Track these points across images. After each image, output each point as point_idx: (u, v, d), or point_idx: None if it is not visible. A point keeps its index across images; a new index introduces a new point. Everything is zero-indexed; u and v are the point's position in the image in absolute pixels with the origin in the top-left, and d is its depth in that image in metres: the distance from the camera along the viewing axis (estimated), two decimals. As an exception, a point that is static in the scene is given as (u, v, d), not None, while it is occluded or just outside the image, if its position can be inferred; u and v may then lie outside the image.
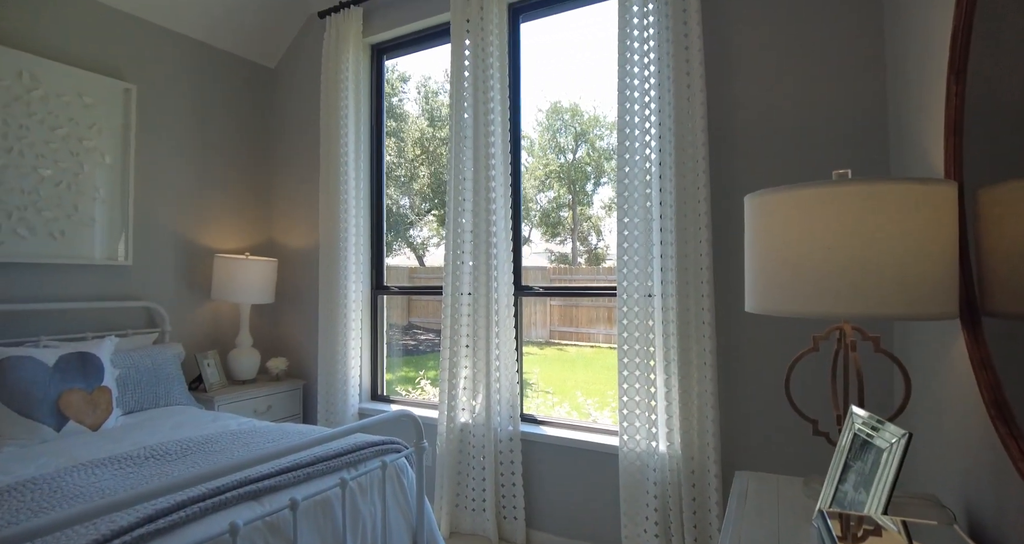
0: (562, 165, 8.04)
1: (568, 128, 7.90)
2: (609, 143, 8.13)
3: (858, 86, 2.01)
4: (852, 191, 1.08)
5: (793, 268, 1.15)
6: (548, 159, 7.69)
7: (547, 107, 7.42)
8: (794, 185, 1.15)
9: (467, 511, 2.68)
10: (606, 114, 7.60)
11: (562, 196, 8.19)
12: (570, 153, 8.12)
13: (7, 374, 1.99)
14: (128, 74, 2.89)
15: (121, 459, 1.71)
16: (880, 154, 1.96)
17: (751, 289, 1.28)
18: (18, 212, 2.45)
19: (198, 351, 3.09)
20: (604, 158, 7.91)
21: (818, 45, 2.08)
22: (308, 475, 1.62)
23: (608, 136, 8.05)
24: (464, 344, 2.71)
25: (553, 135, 7.89)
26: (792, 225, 1.15)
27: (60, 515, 1.02)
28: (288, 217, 3.51)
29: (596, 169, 8.00)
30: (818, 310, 1.12)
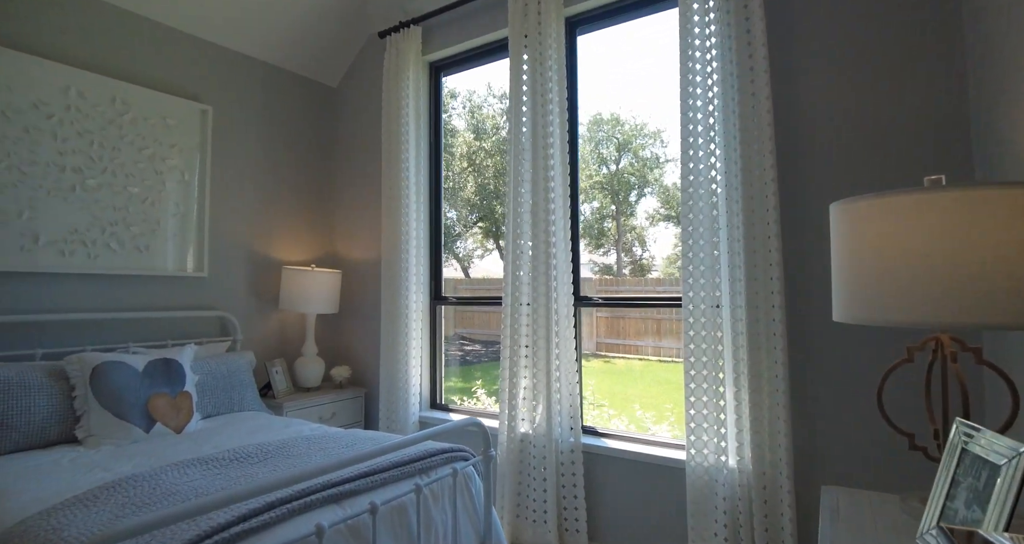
0: (605, 176, 8.02)
1: (610, 139, 7.89)
2: (652, 152, 8.06)
3: (935, 87, 1.93)
4: (953, 197, 1.05)
5: (886, 276, 1.11)
6: (591, 170, 7.69)
7: (588, 118, 7.44)
8: (886, 192, 1.12)
9: (528, 522, 2.67)
10: (647, 123, 7.54)
11: (605, 207, 8.16)
12: (613, 163, 8.10)
13: (104, 378, 2.12)
14: (204, 96, 3.06)
15: (207, 460, 1.79)
16: (962, 157, 1.88)
17: (839, 298, 1.24)
18: (110, 227, 2.63)
19: (267, 359, 3.22)
20: (648, 167, 7.84)
21: (890, 46, 2.02)
22: (384, 480, 1.66)
23: (652, 145, 7.99)
24: (523, 354, 2.72)
25: (595, 146, 7.89)
26: (885, 232, 1.12)
27: (171, 511, 1.08)
28: (350, 230, 3.62)
29: (640, 179, 7.94)
30: (915, 319, 1.08)
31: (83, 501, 1.49)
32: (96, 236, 2.58)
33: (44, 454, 1.95)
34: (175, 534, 1.26)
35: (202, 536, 1.25)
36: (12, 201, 2.34)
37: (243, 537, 1.31)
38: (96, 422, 2.07)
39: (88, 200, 2.56)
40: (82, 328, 2.53)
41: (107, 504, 1.47)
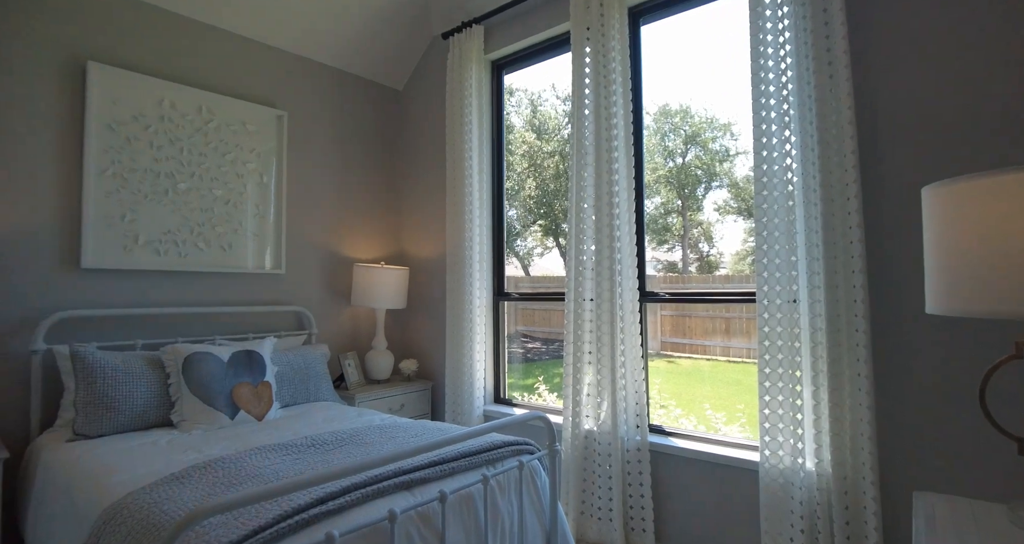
0: (670, 169, 7.80)
1: (677, 131, 7.67)
2: (722, 145, 7.76)
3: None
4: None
5: (991, 263, 1.02)
6: (655, 163, 7.51)
7: (655, 110, 7.25)
8: (992, 171, 1.03)
9: (592, 519, 2.65)
10: (717, 116, 7.26)
11: (670, 201, 7.93)
12: (679, 156, 7.86)
13: (195, 368, 2.29)
14: (280, 102, 3.23)
15: (287, 446, 1.89)
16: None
17: (934, 288, 1.15)
18: (198, 228, 2.82)
19: (340, 352, 3.36)
20: (717, 160, 7.56)
21: (979, 29, 1.85)
22: (453, 470, 1.69)
23: (721, 137, 7.69)
24: (587, 351, 2.69)
25: (661, 138, 7.69)
26: (991, 215, 1.02)
27: (258, 490, 1.14)
28: (416, 228, 3.72)
29: (708, 172, 7.67)
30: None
31: (179, 479, 1.61)
32: (186, 236, 2.78)
33: (144, 435, 2.13)
34: (259, 513, 1.34)
35: (284, 516, 1.32)
36: (116, 205, 2.56)
37: (321, 519, 1.38)
38: (188, 408, 2.23)
39: (179, 203, 2.76)
40: (174, 321, 2.74)
41: (199, 482, 1.58)
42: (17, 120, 2.34)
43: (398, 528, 1.43)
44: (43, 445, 2.10)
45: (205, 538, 1.24)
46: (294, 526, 1.31)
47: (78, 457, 1.91)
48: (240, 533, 1.25)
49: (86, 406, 2.12)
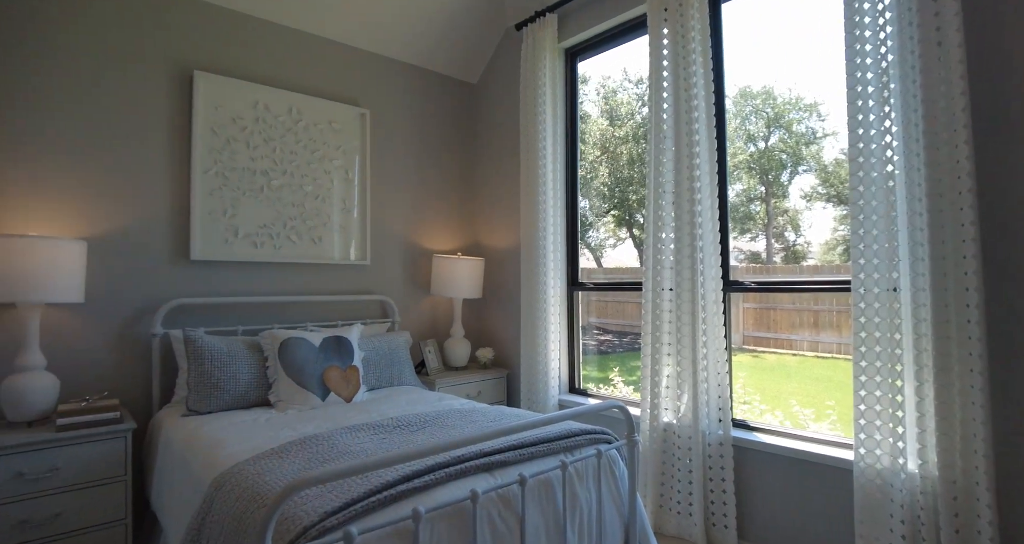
0: (752, 154, 7.40)
1: (759, 113, 7.26)
2: (808, 127, 7.27)
3: None
4: None
5: None
6: (735, 148, 7.15)
7: (734, 92, 6.91)
8: None
9: (672, 513, 2.60)
10: (802, 95, 6.80)
11: (753, 188, 7.53)
12: (761, 141, 7.44)
13: (290, 352, 2.45)
14: (363, 100, 3.37)
15: (374, 426, 1.99)
16: None
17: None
18: (290, 222, 3.01)
19: (421, 339, 3.50)
20: (803, 143, 7.10)
21: None
22: (532, 454, 1.71)
23: (808, 118, 7.20)
24: (666, 342, 2.64)
25: (742, 122, 7.31)
26: None
27: (352, 464, 1.22)
28: (491, 219, 3.77)
29: (793, 156, 7.22)
30: None
31: (278, 453, 1.74)
32: (279, 230, 2.97)
33: (246, 413, 2.31)
34: (350, 487, 1.42)
35: (373, 491, 1.40)
36: (219, 201, 2.78)
37: (408, 495, 1.44)
38: (284, 389, 2.40)
39: (273, 198, 2.96)
40: (271, 309, 2.94)
41: (296, 457, 1.70)
42: (136, 125, 2.59)
43: (480, 509, 1.47)
44: (163, 419, 2.34)
45: (303, 508, 1.33)
46: (383, 501, 1.38)
47: (191, 431, 2.11)
48: (334, 505, 1.33)
49: (197, 385, 2.33)
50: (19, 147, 2.32)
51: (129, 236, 2.56)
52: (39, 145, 2.36)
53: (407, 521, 1.34)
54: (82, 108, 2.46)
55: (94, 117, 2.48)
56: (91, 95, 2.48)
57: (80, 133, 2.45)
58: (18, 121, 2.32)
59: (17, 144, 2.31)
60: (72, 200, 2.43)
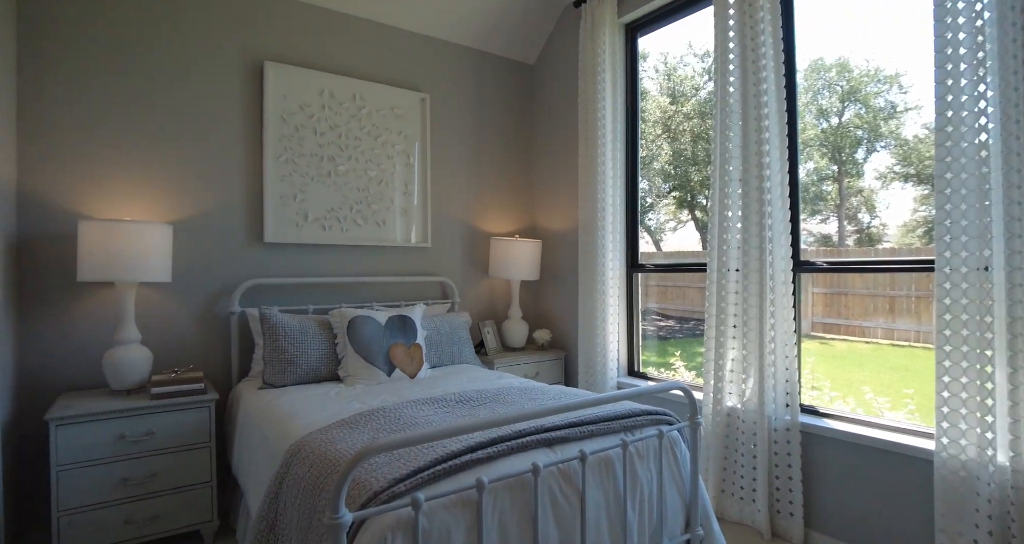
0: (824, 131, 6.98)
1: (832, 87, 6.83)
2: (887, 100, 6.77)
3: None
4: None
5: None
6: (804, 124, 6.75)
7: (805, 66, 6.51)
8: None
9: (734, 499, 2.55)
10: (882, 67, 6.34)
11: (823, 167, 7.11)
12: (834, 116, 7.00)
13: (358, 330, 2.56)
14: (423, 85, 3.42)
15: (438, 400, 2.05)
16: None
17: None
18: (356, 206, 3.12)
19: (479, 320, 3.55)
20: (881, 118, 6.63)
21: None
22: (592, 432, 1.72)
23: (887, 91, 6.71)
24: (731, 324, 2.57)
25: (813, 96, 6.90)
26: None
27: (424, 431, 1.26)
28: (549, 201, 3.76)
29: (870, 131, 6.75)
30: None
31: (348, 423, 1.83)
32: (346, 213, 3.08)
33: (317, 387, 2.43)
34: (416, 456, 1.48)
35: (439, 460, 1.45)
36: (289, 187, 2.91)
37: (471, 465, 1.48)
38: (352, 364, 2.51)
39: (339, 183, 3.06)
40: (338, 289, 3.07)
41: (365, 427, 1.78)
42: (214, 116, 2.74)
43: (541, 481, 1.50)
44: (241, 391, 2.50)
45: (373, 474, 1.40)
46: (448, 470, 1.43)
47: (267, 402, 2.25)
48: (402, 472, 1.39)
49: (272, 360, 2.47)
50: (116, 141, 2.51)
51: (209, 220, 2.73)
52: (132, 139, 2.54)
53: (471, 490, 1.39)
54: (169, 102, 2.62)
55: (179, 110, 2.65)
56: (175, 90, 2.64)
57: (166, 126, 2.62)
58: (115, 117, 2.50)
59: (114, 139, 2.50)
60: (159, 187, 2.61)
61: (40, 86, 2.36)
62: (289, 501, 1.59)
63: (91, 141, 2.46)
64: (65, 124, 2.41)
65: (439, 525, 1.33)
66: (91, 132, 2.46)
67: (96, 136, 2.47)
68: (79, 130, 2.44)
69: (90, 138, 2.46)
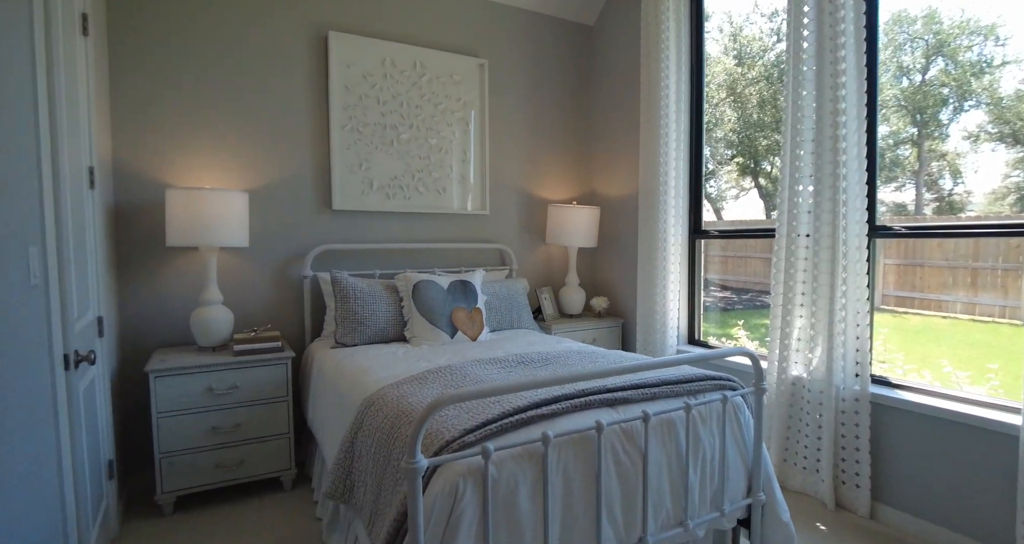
0: (904, 90, 6.45)
1: (916, 41, 6.28)
2: (980, 54, 6.17)
3: None
4: None
5: None
6: (881, 83, 6.25)
7: (887, 18, 6.00)
8: None
9: (797, 468, 2.52)
10: (977, 16, 5.76)
11: (901, 129, 6.60)
12: (917, 73, 6.45)
13: (422, 293, 2.65)
14: (481, 51, 3.40)
15: (500, 361, 2.11)
16: None
17: None
18: (418, 174, 3.18)
19: (537, 286, 3.59)
20: (972, 74, 6.06)
21: None
22: (655, 394, 1.73)
23: (982, 44, 6.12)
24: (799, 291, 2.49)
25: (894, 52, 6.37)
26: None
27: (494, 385, 1.32)
28: (608, 167, 3.71)
29: (958, 90, 6.20)
30: None
31: (417, 379, 1.92)
32: (408, 181, 3.15)
33: (385, 347, 2.55)
34: (484, 410, 1.54)
35: (505, 414, 1.51)
36: (354, 156, 3.00)
37: (535, 421, 1.53)
38: (417, 326, 2.61)
39: (402, 152, 3.13)
40: (401, 254, 3.17)
41: (434, 383, 1.86)
42: (282, 87, 2.84)
43: (604, 439, 1.53)
44: (315, 350, 2.65)
45: (444, 425, 1.47)
46: (514, 423, 1.49)
47: (340, 360, 2.37)
48: (472, 423, 1.45)
49: (343, 321, 2.60)
50: (196, 116, 2.65)
51: (282, 188, 2.86)
52: (209, 114, 2.68)
53: (536, 443, 1.44)
54: (240, 77, 2.74)
55: (249, 84, 2.76)
56: (245, 65, 2.75)
57: (239, 100, 2.74)
58: (194, 95, 2.64)
59: (194, 114, 2.64)
60: (236, 157, 2.75)
61: (128, 73, 2.52)
62: (364, 449, 1.70)
63: (173, 117, 2.61)
64: (151, 104, 2.56)
65: (507, 475, 1.39)
66: (173, 110, 2.61)
67: (178, 113, 2.62)
68: (163, 109, 2.59)
69: (172, 115, 2.61)
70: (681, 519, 1.71)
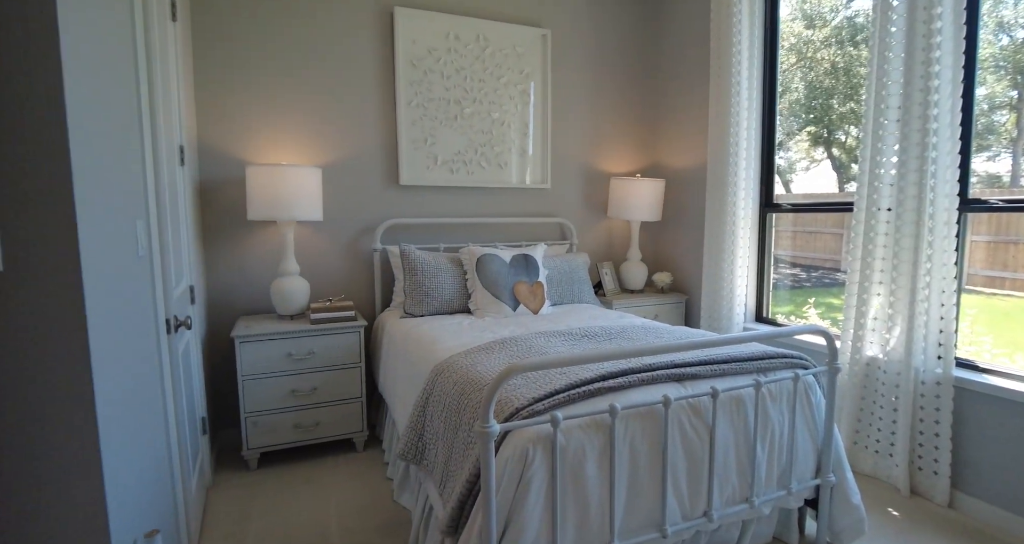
0: (1003, 48, 5.84)
1: (1018, -4, 5.65)
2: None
3: None
4: None
5: None
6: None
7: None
8: None
9: (868, 452, 2.44)
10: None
11: (998, 94, 6.01)
12: (1020, 29, 5.82)
13: (485, 267, 2.70)
14: (544, 21, 3.34)
15: (563, 333, 2.14)
16: None
17: None
18: (480, 148, 3.20)
19: (597, 261, 3.58)
20: (1087, 30, 5.40)
21: None
22: (723, 371, 1.72)
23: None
24: (878, 268, 2.37)
25: (993, 5, 5.76)
26: None
27: (565, 355, 1.35)
28: (673, 139, 3.60)
29: (1071, 45, 5.56)
30: None
31: (484, 349, 1.97)
32: (472, 156, 3.19)
33: (451, 318, 2.63)
34: (551, 381, 1.57)
35: (573, 385, 1.54)
36: (420, 131, 3.05)
37: (602, 393, 1.56)
38: (481, 299, 2.67)
39: (465, 126, 3.15)
40: (465, 229, 3.23)
41: (500, 353, 1.91)
42: (350, 65, 2.90)
43: (671, 413, 1.54)
44: (385, 319, 2.76)
45: (514, 393, 1.52)
46: (582, 394, 1.52)
47: (409, 330, 2.47)
48: (540, 393, 1.49)
49: (411, 292, 2.69)
50: (271, 96, 2.76)
51: (352, 164, 2.95)
52: (283, 93, 2.78)
53: (604, 414, 1.46)
54: (310, 57, 2.82)
55: (320, 63, 2.84)
56: (315, 45, 2.83)
57: (310, 79, 2.83)
58: (268, 76, 2.75)
59: (269, 94, 2.76)
60: (309, 133, 2.86)
61: (208, 56, 2.64)
62: (435, 413, 1.78)
63: (250, 97, 2.73)
64: (229, 85, 2.69)
65: (575, 443, 1.43)
66: (250, 89, 2.73)
67: (254, 92, 2.74)
68: (240, 89, 2.71)
69: (249, 94, 2.73)
70: (747, 495, 1.70)
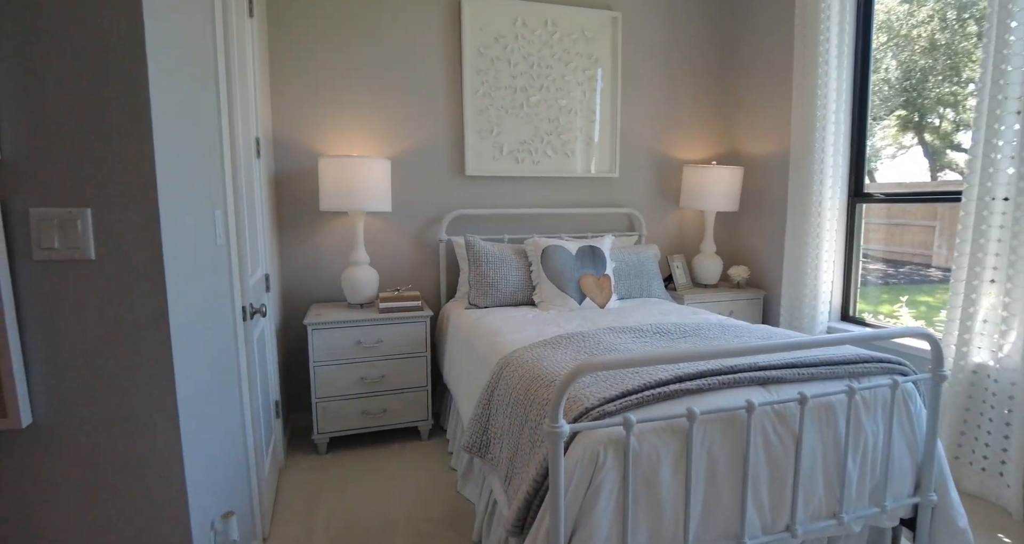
0: None
1: None
2: None
3: None
4: None
5: None
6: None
7: None
8: None
9: (974, 469, 2.21)
10: None
11: None
12: None
13: (550, 258, 2.64)
14: (613, 3, 3.21)
15: (633, 329, 2.05)
16: None
17: None
18: (546, 137, 3.13)
19: (667, 253, 3.43)
20: None
21: None
22: (812, 375, 1.58)
23: None
24: (991, 265, 2.12)
25: None
26: None
27: (639, 354, 1.27)
28: (752, 124, 3.38)
29: None
30: None
31: (550, 344, 1.92)
32: (537, 145, 3.12)
33: (515, 310, 2.59)
34: (623, 380, 1.50)
35: (647, 386, 1.45)
36: (486, 120, 3.01)
37: (679, 395, 1.47)
38: (545, 291, 2.61)
39: (531, 114, 3.09)
40: (529, 219, 3.17)
41: (567, 348, 1.85)
42: (417, 56, 2.90)
43: (753, 419, 1.43)
44: (450, 310, 2.76)
45: (583, 392, 1.46)
46: (657, 396, 1.43)
47: (474, 320, 2.45)
48: (612, 393, 1.42)
49: (476, 283, 2.67)
50: (341, 90, 2.80)
51: (419, 155, 2.96)
52: (352, 86, 2.82)
53: (680, 418, 1.38)
54: (380, 50, 2.84)
55: (388, 55, 2.85)
56: (388, 37, 2.84)
57: (378, 70, 2.85)
58: (338, 71, 2.79)
59: (339, 88, 2.80)
60: (378, 125, 2.88)
61: (282, 51, 2.71)
62: (500, 407, 1.75)
63: (322, 91, 2.79)
64: (302, 79, 2.75)
65: (648, 448, 1.35)
66: (321, 83, 2.78)
67: (325, 86, 2.79)
68: (312, 82, 2.77)
69: (321, 88, 2.78)
70: (835, 511, 1.57)
